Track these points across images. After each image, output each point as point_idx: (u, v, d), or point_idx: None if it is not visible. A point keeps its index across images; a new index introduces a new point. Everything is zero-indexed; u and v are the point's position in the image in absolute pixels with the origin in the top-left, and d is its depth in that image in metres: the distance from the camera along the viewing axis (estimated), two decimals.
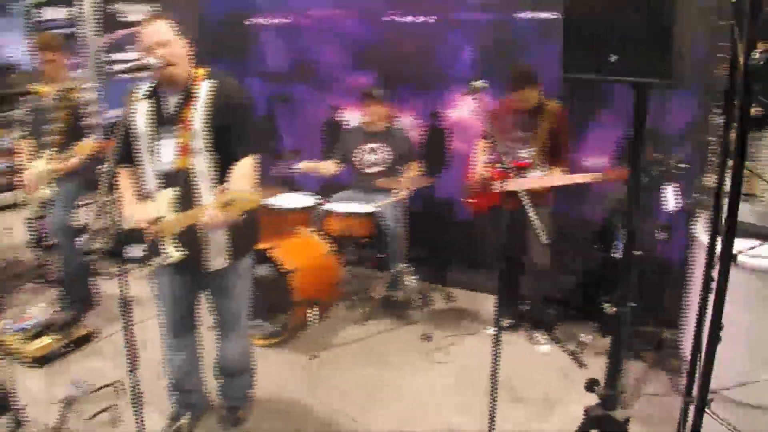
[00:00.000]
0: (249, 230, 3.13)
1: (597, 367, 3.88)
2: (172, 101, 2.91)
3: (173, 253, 2.87)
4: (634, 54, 1.94)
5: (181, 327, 3.28)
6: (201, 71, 2.96)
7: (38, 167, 4.29)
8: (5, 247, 5.84)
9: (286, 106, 5.85)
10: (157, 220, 2.84)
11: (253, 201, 2.64)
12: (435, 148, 5.18)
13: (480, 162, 4.34)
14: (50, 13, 8.44)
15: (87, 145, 4.33)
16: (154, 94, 2.94)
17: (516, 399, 3.72)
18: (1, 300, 5.02)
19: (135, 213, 2.92)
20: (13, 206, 6.77)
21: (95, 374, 3.83)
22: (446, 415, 3.59)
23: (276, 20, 5.70)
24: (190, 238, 2.90)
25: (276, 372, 4.05)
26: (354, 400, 3.74)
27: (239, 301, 3.23)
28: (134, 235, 2.73)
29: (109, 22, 7.69)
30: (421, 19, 5.02)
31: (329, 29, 5.45)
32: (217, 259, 3.02)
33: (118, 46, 5.80)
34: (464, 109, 5.02)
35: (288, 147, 5.89)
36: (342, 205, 4.73)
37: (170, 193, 2.87)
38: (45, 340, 4.18)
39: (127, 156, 3.01)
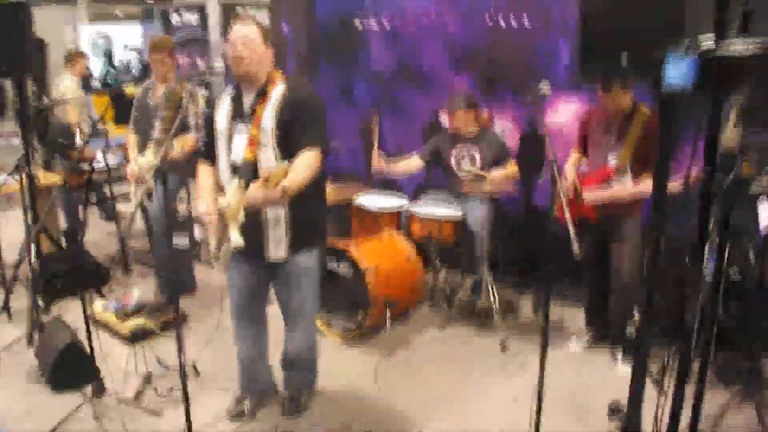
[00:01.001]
0: (310, 225, 3.22)
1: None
2: (248, 99, 3.10)
3: (237, 239, 3.02)
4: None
5: (248, 314, 3.44)
6: (278, 74, 3.12)
7: (144, 160, 4.61)
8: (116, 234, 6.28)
9: (390, 108, 5.97)
10: (219, 211, 3.03)
11: (281, 172, 2.73)
12: (531, 154, 5.11)
13: (570, 171, 4.24)
14: (183, 18, 9.07)
15: (188, 140, 4.61)
16: (236, 92, 3.15)
17: (579, 418, 3.59)
18: (108, 281, 5.45)
19: (201, 204, 3.16)
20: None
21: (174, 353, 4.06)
22: (509, 427, 3.52)
23: (383, 22, 5.83)
24: (253, 227, 3.04)
25: (347, 367, 4.13)
26: (420, 403, 3.74)
27: (302, 296, 3.33)
28: (181, 226, 2.92)
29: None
30: (525, 22, 4.98)
31: (432, 32, 5.51)
32: (277, 250, 3.14)
33: None
34: (560, 115, 4.91)
35: (391, 148, 6.01)
36: (427, 207, 4.75)
37: (237, 184, 3.03)
38: (139, 320, 4.49)
39: (210, 153, 3.25)
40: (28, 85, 7.23)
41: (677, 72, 1.86)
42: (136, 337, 4.37)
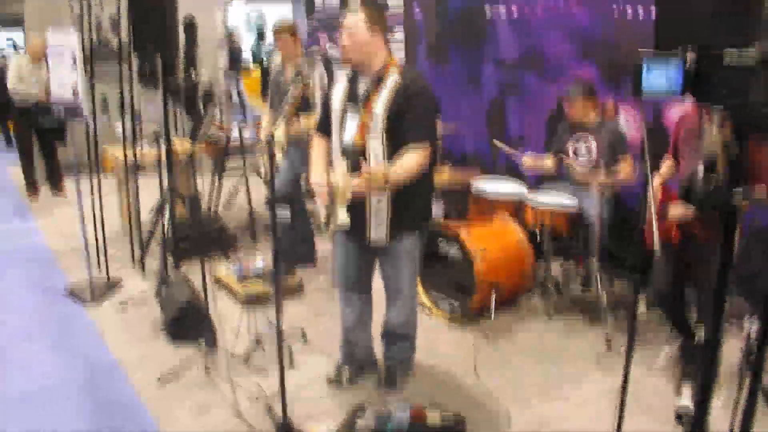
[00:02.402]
0: (412, 211, 3.28)
1: None
2: (363, 84, 3.20)
3: (343, 219, 3.15)
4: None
5: (351, 286, 3.58)
6: (395, 62, 3.20)
7: (275, 134, 4.87)
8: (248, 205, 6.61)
9: (515, 94, 5.94)
10: (329, 187, 3.17)
11: (381, 178, 2.83)
12: (653, 148, 4.91)
13: (658, 183, 3.88)
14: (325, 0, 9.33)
15: (312, 117, 4.81)
16: (354, 75, 3.26)
17: (666, 420, 3.46)
18: (235, 247, 5.79)
19: (313, 176, 3.31)
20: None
21: (288, 320, 4.27)
22: (591, 424, 3.45)
23: (511, 10, 5.79)
24: (357, 208, 3.15)
25: (449, 348, 4.20)
26: (511, 391, 3.74)
27: (402, 275, 3.40)
28: (285, 198, 3.08)
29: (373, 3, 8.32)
30: (652, 13, 4.79)
31: (558, 20, 5.42)
32: (378, 232, 3.24)
33: None
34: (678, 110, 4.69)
35: (515, 134, 6.00)
36: (542, 196, 4.71)
37: (345, 166, 3.16)
38: (258, 286, 4.76)
39: (326, 127, 3.38)
40: (178, 61, 7.79)
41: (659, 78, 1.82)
42: (251, 301, 4.63)
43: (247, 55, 19.19)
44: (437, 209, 5.51)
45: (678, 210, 3.65)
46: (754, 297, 3.93)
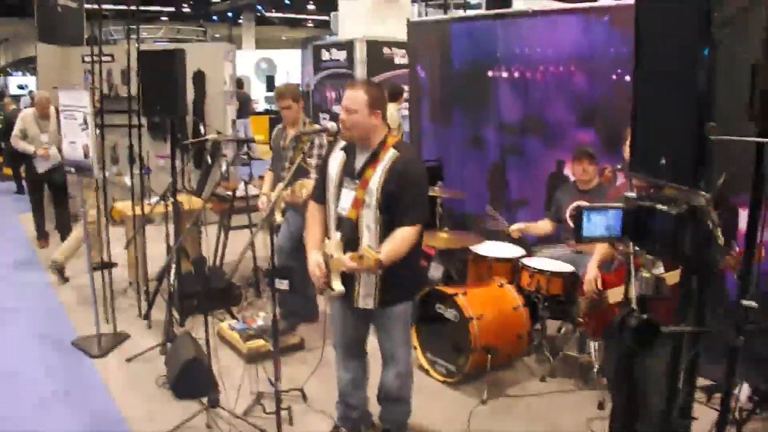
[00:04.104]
0: (401, 283, 3.40)
1: None
2: (360, 158, 3.33)
3: (337, 287, 3.30)
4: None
5: (348, 350, 3.70)
6: (392, 140, 3.33)
7: (272, 196, 5.04)
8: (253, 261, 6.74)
9: (517, 158, 6.12)
10: (324, 255, 3.32)
11: (373, 263, 2.98)
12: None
13: (594, 267, 4.02)
14: (332, 54, 9.63)
15: (308, 183, 4.97)
16: (351, 147, 3.40)
17: None
18: (239, 303, 5.94)
19: (310, 257, 3.42)
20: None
21: (289, 378, 4.39)
22: None
23: (512, 74, 6.01)
24: (349, 277, 3.31)
25: (444, 409, 4.30)
26: None
27: (395, 340, 3.52)
28: (283, 270, 3.26)
29: (382, 64, 8.62)
30: None
31: (558, 85, 5.63)
32: (366, 301, 3.38)
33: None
34: None
35: (515, 197, 6.17)
36: (537, 260, 4.85)
37: (339, 237, 3.30)
38: (259, 342, 4.89)
39: (322, 195, 3.52)
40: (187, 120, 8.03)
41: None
42: (253, 358, 4.75)
43: (257, 102, 19.51)
44: (436, 272, 5.66)
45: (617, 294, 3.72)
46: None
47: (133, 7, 6.38)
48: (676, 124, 2.00)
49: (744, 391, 4.19)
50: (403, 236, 3.18)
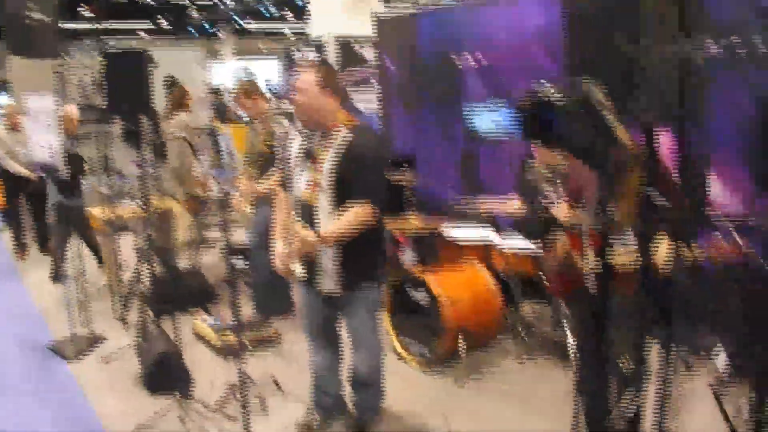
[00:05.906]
0: (362, 265, 3.39)
1: None
2: (314, 140, 3.34)
3: (300, 272, 3.32)
4: None
5: (317, 335, 3.68)
6: (346, 120, 3.33)
7: (244, 189, 5.06)
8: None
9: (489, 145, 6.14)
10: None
11: (310, 243, 3.04)
12: None
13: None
14: (303, 54, 9.65)
15: (276, 174, 5.00)
16: (308, 132, 3.38)
17: None
18: (214, 300, 5.93)
19: (276, 232, 3.47)
20: None
21: (264, 371, 4.40)
22: None
23: (479, 59, 6.06)
24: (311, 263, 3.33)
25: (418, 393, 4.30)
26: None
27: (361, 324, 3.52)
28: (240, 250, 3.27)
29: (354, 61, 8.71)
30: None
31: (523, 67, 5.65)
32: (328, 285, 3.38)
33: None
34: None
35: (487, 182, 6.17)
36: (507, 240, 4.87)
37: (297, 220, 3.30)
38: (232, 337, 4.88)
39: (287, 180, 3.52)
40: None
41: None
42: (227, 352, 4.75)
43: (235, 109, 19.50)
44: (410, 256, 5.67)
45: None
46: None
47: (106, 23, 6.38)
48: None
49: (721, 359, 4.22)
50: (350, 215, 3.18)
